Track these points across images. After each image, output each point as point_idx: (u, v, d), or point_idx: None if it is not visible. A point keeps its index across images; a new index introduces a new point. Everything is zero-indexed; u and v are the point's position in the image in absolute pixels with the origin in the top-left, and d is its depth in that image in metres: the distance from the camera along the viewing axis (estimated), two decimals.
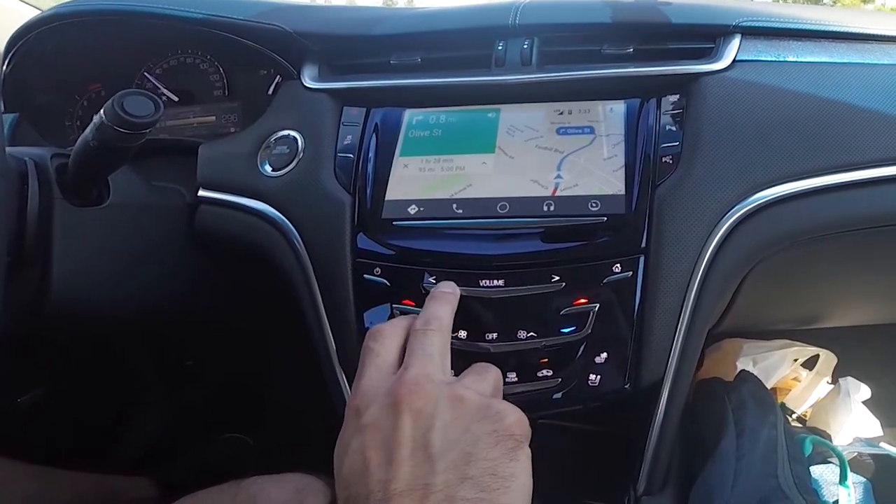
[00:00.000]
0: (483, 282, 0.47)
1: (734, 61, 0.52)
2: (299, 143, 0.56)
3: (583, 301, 0.47)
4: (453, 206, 0.50)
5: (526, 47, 0.56)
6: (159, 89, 0.72)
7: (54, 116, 0.73)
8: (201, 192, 0.59)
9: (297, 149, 0.56)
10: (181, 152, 0.62)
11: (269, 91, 0.68)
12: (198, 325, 0.78)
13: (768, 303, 0.63)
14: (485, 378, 0.39)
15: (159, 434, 0.92)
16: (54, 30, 0.66)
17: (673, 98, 0.52)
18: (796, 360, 0.73)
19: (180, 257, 0.61)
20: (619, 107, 0.53)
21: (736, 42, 0.53)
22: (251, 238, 0.56)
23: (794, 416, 0.73)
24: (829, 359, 0.75)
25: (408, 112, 0.57)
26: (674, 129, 0.51)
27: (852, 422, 0.68)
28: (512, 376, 0.46)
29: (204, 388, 0.98)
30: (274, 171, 0.56)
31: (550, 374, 0.47)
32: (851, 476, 0.57)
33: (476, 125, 0.55)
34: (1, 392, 0.70)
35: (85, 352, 0.77)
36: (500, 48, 0.56)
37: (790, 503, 0.49)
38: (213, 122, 0.71)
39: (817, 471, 0.57)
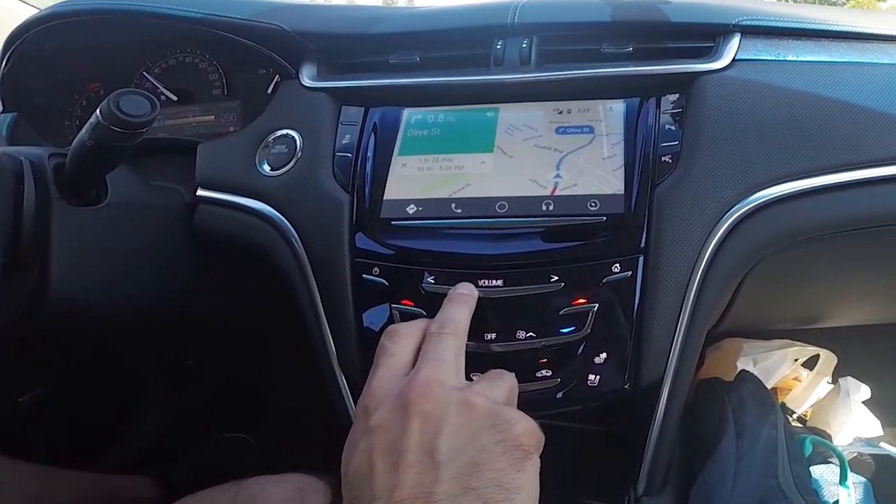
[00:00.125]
0: (482, 282, 0.47)
1: (734, 60, 0.52)
2: (298, 142, 0.56)
3: (582, 301, 0.46)
4: (452, 205, 0.50)
5: (525, 46, 0.55)
6: (158, 88, 0.71)
7: (53, 116, 0.73)
8: (200, 192, 0.59)
9: (295, 148, 0.56)
10: (180, 152, 0.62)
11: (268, 90, 0.68)
12: (197, 324, 0.78)
13: (768, 303, 0.63)
14: (498, 385, 0.39)
15: (160, 434, 0.92)
16: (52, 29, 0.65)
17: (672, 97, 0.52)
18: (796, 360, 0.73)
19: (179, 257, 0.60)
20: (618, 106, 0.53)
21: (735, 41, 0.53)
22: (250, 238, 0.56)
23: (795, 416, 0.73)
24: (829, 359, 0.75)
25: (406, 111, 0.56)
26: (673, 128, 0.51)
27: (852, 422, 0.68)
28: None
29: (204, 388, 0.98)
30: (272, 170, 0.56)
31: (550, 374, 0.46)
32: (851, 476, 0.57)
33: (475, 124, 0.55)
34: (1, 392, 0.70)
35: (85, 351, 0.77)
36: (499, 47, 0.56)
37: (790, 503, 0.49)
38: (212, 122, 0.71)
39: (817, 471, 0.57)
